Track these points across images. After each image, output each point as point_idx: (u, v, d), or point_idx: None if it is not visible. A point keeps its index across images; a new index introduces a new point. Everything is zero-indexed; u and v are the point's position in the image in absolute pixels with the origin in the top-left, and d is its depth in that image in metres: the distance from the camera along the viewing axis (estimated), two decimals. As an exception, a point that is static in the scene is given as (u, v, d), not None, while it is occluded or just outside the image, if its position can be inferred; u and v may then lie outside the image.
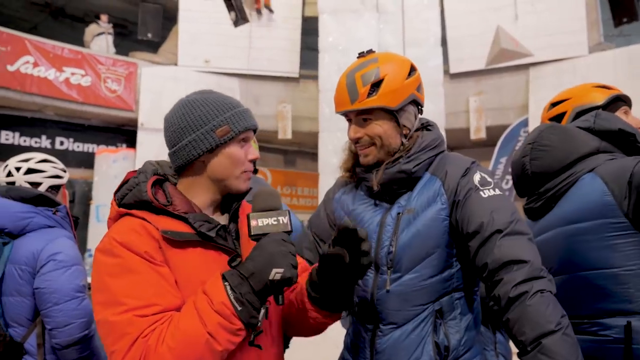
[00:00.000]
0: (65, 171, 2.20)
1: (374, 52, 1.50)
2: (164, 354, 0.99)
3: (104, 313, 1.04)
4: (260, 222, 1.14)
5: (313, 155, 10.02)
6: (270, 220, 1.15)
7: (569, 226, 1.46)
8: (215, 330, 1.02)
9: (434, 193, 1.42)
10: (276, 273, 1.07)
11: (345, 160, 1.59)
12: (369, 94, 1.41)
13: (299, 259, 1.26)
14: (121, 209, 1.18)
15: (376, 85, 1.41)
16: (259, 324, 1.09)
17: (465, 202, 1.37)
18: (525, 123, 9.30)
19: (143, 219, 1.14)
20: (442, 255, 1.40)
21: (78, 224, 2.19)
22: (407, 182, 1.45)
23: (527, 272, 1.23)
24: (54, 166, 2.16)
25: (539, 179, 1.58)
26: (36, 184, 2.08)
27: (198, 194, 1.24)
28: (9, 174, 2.07)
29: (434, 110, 8.68)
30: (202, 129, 1.20)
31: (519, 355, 1.21)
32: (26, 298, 1.87)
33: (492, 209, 1.34)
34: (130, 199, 1.18)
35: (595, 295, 1.40)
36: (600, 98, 1.69)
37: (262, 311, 1.09)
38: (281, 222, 1.15)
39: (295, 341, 1.60)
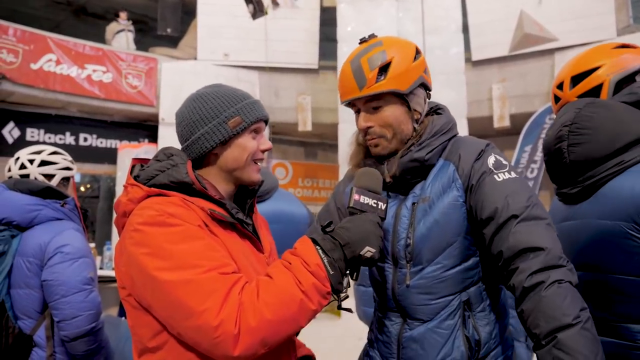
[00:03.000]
0: (73, 163, 2.21)
1: (376, 36, 1.42)
2: (261, 309, 1.00)
3: (180, 274, 1.01)
4: (362, 199, 1.19)
5: (333, 147, 9.97)
6: (371, 201, 1.20)
7: (603, 221, 1.29)
8: (310, 290, 1.05)
9: (449, 179, 1.34)
10: (368, 250, 1.12)
11: (354, 154, 1.50)
12: (378, 78, 1.32)
13: None
14: (153, 189, 1.15)
15: (384, 68, 1.33)
16: (345, 291, 1.14)
17: (479, 186, 1.29)
18: (550, 110, 9.03)
19: (183, 199, 1.14)
20: (463, 244, 1.32)
21: (87, 217, 2.18)
22: (420, 170, 1.37)
23: (544, 261, 1.14)
24: (64, 158, 2.18)
25: (578, 167, 1.36)
26: (49, 176, 2.10)
27: (213, 183, 1.25)
28: (22, 167, 2.08)
29: (456, 98, 8.51)
30: (214, 121, 1.21)
31: (533, 349, 1.13)
32: (34, 290, 1.88)
33: (507, 193, 1.25)
34: (164, 179, 1.16)
35: (622, 300, 1.27)
36: (637, 60, 1.45)
37: (346, 279, 1.14)
38: (380, 206, 1.21)
39: (318, 334, 1.59)
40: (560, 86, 1.56)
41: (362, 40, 1.42)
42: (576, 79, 1.51)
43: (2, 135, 8.61)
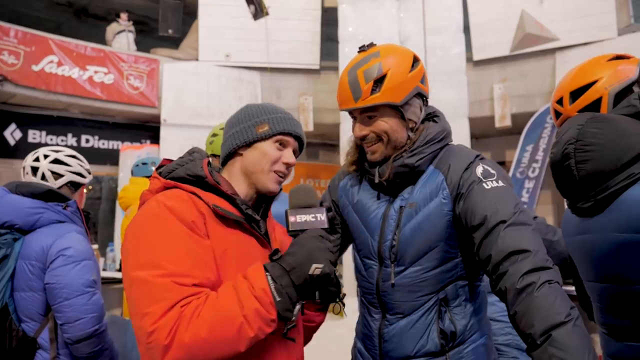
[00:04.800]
0: (90, 172, 2.22)
1: (375, 45, 1.47)
2: (198, 327, 1.00)
3: (142, 273, 1.04)
4: (299, 218, 1.20)
5: (335, 147, 9.97)
6: (308, 217, 1.21)
7: (620, 234, 1.29)
8: (251, 315, 1.04)
9: (436, 187, 1.40)
10: (316, 268, 1.11)
11: (350, 152, 1.59)
12: (372, 91, 1.38)
13: None
14: (169, 181, 1.21)
15: (379, 81, 1.38)
16: (293, 318, 1.11)
17: (469, 194, 1.35)
18: (552, 109, 9.04)
19: (193, 193, 1.18)
20: (445, 248, 1.39)
21: (89, 219, 2.19)
22: (410, 175, 1.44)
23: (533, 262, 1.19)
24: (80, 164, 2.19)
25: (589, 183, 1.36)
26: (58, 175, 2.12)
27: (235, 185, 1.30)
28: (37, 159, 2.13)
29: (457, 98, 8.51)
30: (245, 124, 1.30)
31: (527, 351, 1.14)
32: (37, 293, 1.88)
33: (496, 200, 1.31)
34: (182, 172, 1.22)
35: None
36: (632, 71, 1.47)
37: (298, 307, 1.12)
38: (318, 218, 1.21)
39: (320, 336, 1.63)
40: (560, 101, 1.58)
41: (361, 49, 1.47)
42: (575, 94, 1.53)
43: (3, 137, 8.62)
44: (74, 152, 2.22)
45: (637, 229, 1.24)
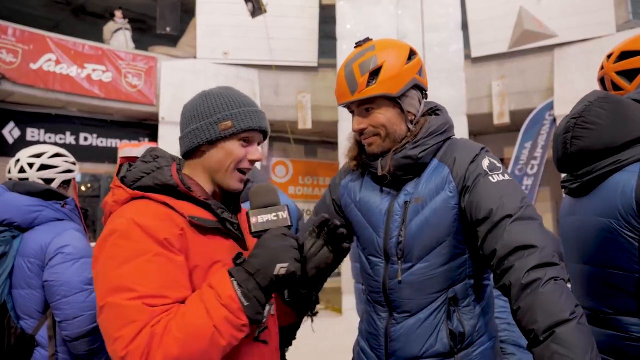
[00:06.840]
0: (75, 164, 2.20)
1: (371, 40, 1.47)
2: (169, 345, 0.98)
3: (113, 297, 1.01)
4: (260, 219, 1.17)
5: (333, 145, 9.97)
6: (270, 216, 1.17)
7: (601, 218, 1.31)
8: (221, 324, 1.02)
9: (442, 180, 1.39)
10: (281, 268, 1.09)
11: (351, 148, 1.58)
12: (368, 83, 1.38)
13: None
14: (136, 192, 1.15)
15: (375, 73, 1.38)
16: (264, 320, 1.10)
17: (475, 187, 1.33)
18: (550, 106, 9.05)
19: (165, 203, 1.13)
20: (453, 244, 1.37)
21: (87, 217, 2.19)
22: (413, 168, 1.42)
23: (539, 257, 1.18)
24: (66, 160, 2.15)
25: (579, 159, 1.38)
26: (50, 180, 2.08)
27: (199, 182, 1.26)
28: (22, 170, 2.06)
29: (455, 96, 8.51)
30: (206, 120, 1.23)
31: (529, 347, 1.14)
32: (36, 291, 1.89)
33: (502, 194, 1.30)
34: (149, 182, 1.17)
35: (616, 294, 1.29)
36: None
37: (267, 308, 1.12)
38: (281, 217, 1.17)
39: (318, 332, 1.62)
40: (610, 56, 1.55)
41: (358, 45, 1.47)
42: (624, 55, 1.50)
43: (2, 135, 8.61)
44: (56, 150, 2.15)
45: (611, 215, 1.26)
